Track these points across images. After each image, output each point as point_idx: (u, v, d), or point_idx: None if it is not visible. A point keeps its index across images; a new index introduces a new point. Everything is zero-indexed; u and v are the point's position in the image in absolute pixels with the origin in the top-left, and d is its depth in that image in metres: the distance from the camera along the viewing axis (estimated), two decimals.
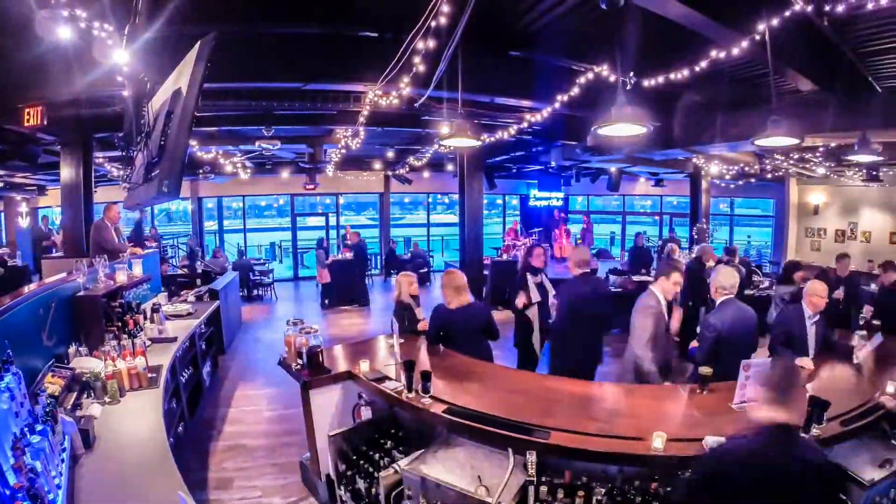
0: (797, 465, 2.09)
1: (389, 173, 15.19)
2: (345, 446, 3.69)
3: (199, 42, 3.08)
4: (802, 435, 2.10)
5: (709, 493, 2.21)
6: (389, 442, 3.66)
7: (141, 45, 3.81)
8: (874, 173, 11.03)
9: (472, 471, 3.08)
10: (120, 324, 4.68)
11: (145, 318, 5.36)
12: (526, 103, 6.70)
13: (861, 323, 5.82)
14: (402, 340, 4.30)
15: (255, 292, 13.36)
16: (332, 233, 17.04)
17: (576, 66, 5.54)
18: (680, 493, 2.57)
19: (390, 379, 3.80)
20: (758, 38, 4.01)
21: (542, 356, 5.70)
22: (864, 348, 4.38)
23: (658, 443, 2.79)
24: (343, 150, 9.81)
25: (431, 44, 3.88)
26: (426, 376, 3.47)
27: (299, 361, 4.10)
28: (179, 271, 10.88)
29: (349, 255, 12.21)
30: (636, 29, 4.02)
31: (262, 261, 15.02)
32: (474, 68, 4.71)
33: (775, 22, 3.80)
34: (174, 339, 5.16)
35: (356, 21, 5.06)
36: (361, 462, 3.56)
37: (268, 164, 13.34)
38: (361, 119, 6.43)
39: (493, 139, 7.14)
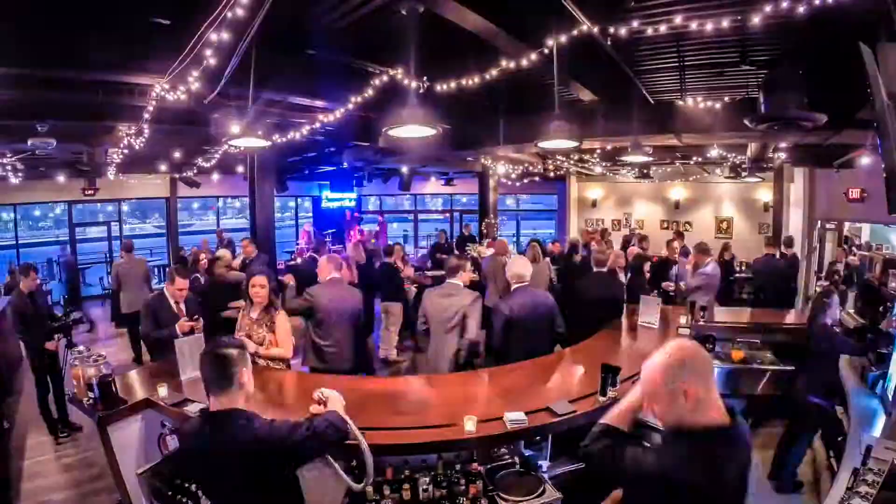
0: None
1: (176, 176, 13.87)
2: (157, 482, 3.29)
3: None
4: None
5: None
6: None
7: None
8: (645, 171, 13.02)
9: None
10: None
11: None
12: (319, 103, 6.59)
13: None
14: None
15: None
16: (116, 244, 14.84)
17: (371, 68, 5.59)
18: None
19: (191, 401, 3.49)
20: (546, 51, 4.38)
21: None
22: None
23: (470, 426, 2.95)
24: (126, 151, 8.75)
25: (225, 36, 3.61)
26: None
27: (91, 395, 3.58)
28: None
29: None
30: (431, 35, 4.16)
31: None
32: (268, 65, 4.51)
33: (563, 38, 4.19)
34: None
35: (149, 4, 4.55)
36: (179, 496, 3.19)
37: (41, 167, 11.43)
38: (146, 115, 5.79)
39: (284, 140, 6.94)
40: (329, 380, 3.94)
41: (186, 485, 3.23)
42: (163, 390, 3.61)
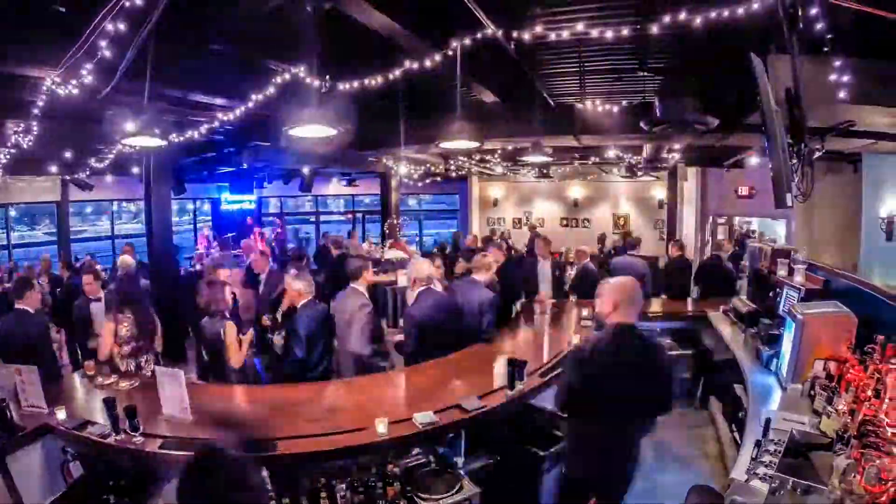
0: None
1: (67, 178, 12.72)
2: None
3: None
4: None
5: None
6: (112, 496, 3.13)
7: None
8: (545, 171, 13.54)
9: None
10: None
11: None
12: (219, 101, 6.30)
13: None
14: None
15: None
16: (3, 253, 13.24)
17: (273, 66, 5.36)
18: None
19: (94, 423, 3.23)
20: (450, 53, 4.42)
21: None
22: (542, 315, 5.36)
23: (381, 428, 2.95)
24: (13, 150, 7.92)
25: (122, 27, 3.35)
26: (131, 412, 3.04)
27: None
28: None
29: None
30: (335, 33, 4.10)
31: None
32: (167, 59, 4.25)
33: (468, 41, 4.26)
34: None
35: None
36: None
37: None
38: (36, 111, 5.30)
39: (182, 139, 6.56)
40: (238, 389, 3.80)
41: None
42: (62, 413, 3.32)
